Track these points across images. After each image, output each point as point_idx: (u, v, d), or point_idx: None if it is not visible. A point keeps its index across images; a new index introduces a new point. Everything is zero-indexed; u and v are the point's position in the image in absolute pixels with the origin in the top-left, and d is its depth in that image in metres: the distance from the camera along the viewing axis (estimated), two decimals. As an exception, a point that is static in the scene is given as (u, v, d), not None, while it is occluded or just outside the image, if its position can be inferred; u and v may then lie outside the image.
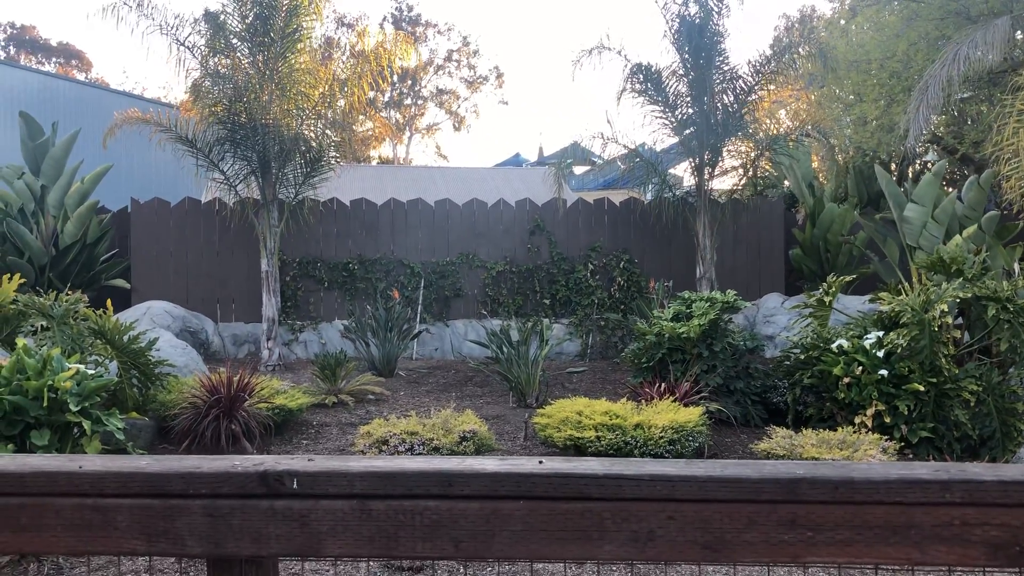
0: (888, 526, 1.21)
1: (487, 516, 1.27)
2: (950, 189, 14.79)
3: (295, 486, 1.28)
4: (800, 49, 11.84)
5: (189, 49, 10.58)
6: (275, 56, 10.60)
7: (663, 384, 7.61)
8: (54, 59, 42.85)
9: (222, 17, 10.60)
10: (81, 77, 38.70)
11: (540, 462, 1.31)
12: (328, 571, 4.45)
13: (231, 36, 10.69)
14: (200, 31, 10.62)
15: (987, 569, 1.23)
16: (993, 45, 9.72)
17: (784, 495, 1.22)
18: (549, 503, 1.27)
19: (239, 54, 10.77)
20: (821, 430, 6.62)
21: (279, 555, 1.31)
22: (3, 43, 41.73)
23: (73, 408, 5.23)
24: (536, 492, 1.27)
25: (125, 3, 10.21)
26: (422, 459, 1.34)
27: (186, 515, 1.30)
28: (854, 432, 6.54)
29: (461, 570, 4.51)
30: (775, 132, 13.53)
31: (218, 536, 1.30)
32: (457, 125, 44.17)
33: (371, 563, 4.36)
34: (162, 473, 1.30)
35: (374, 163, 33.68)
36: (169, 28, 10.41)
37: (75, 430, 5.44)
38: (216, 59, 10.72)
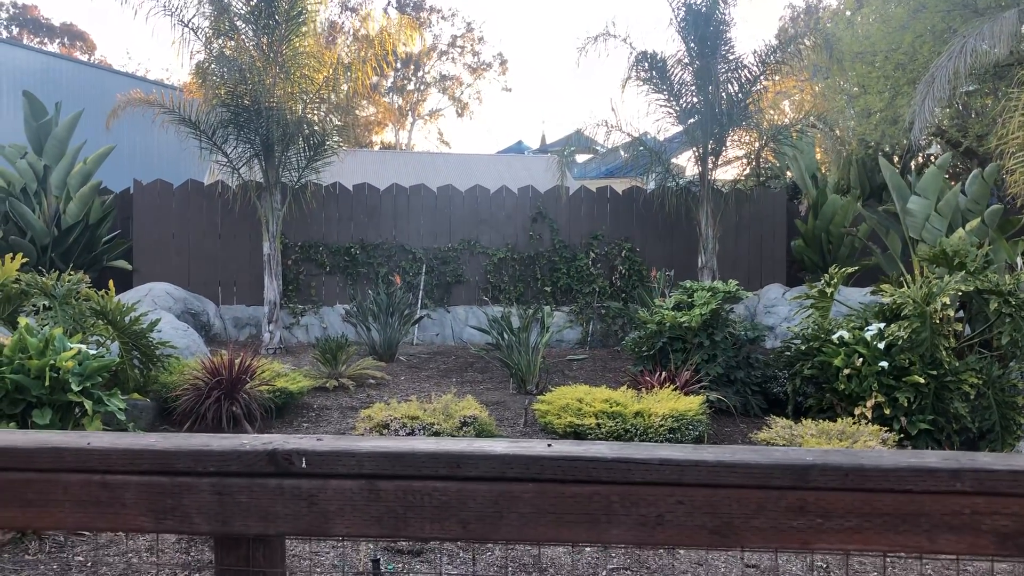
0: (897, 514, 1.21)
1: (495, 498, 1.26)
2: (953, 183, 14.76)
3: (304, 465, 1.28)
4: (806, 40, 11.78)
5: (193, 31, 10.52)
6: (280, 39, 10.54)
7: (663, 373, 7.62)
8: (57, 40, 42.61)
9: (227, -2, 10.55)
10: (84, 58, 38.51)
11: (549, 445, 1.30)
12: (339, 547, 4.46)
13: (235, 18, 10.64)
14: (204, 12, 10.56)
15: (996, 558, 1.23)
16: (1000, 38, 9.67)
17: (794, 481, 1.22)
18: (558, 486, 1.26)
19: (244, 36, 10.71)
20: (821, 421, 6.63)
21: (286, 534, 1.31)
22: (5, 22, 41.51)
23: (75, 388, 5.22)
24: (545, 475, 1.26)
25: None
26: (431, 440, 1.33)
27: (194, 492, 1.29)
28: (854, 423, 6.54)
29: (461, 554, 4.52)
30: (779, 122, 13.48)
31: (226, 514, 1.29)
32: (460, 111, 43.98)
33: (370, 544, 4.37)
34: (171, 450, 1.30)
35: (376, 148, 33.60)
36: (174, 8, 10.35)
37: (76, 410, 5.44)
38: (220, 41, 10.67)
